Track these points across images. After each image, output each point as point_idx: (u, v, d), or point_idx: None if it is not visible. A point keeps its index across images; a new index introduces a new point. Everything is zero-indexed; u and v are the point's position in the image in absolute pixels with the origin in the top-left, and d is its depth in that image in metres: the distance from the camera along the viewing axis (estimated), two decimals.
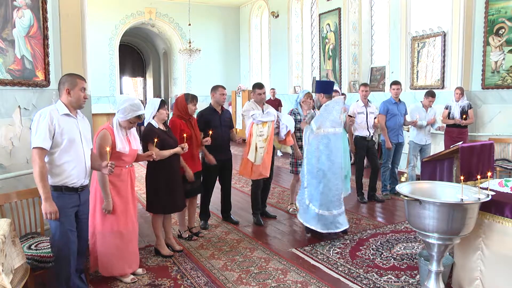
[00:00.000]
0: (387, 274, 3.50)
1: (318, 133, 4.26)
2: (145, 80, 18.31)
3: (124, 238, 3.35)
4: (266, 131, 4.63)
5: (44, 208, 2.69)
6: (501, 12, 6.58)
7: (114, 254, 3.33)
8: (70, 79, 2.84)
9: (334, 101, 4.37)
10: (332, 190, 4.23)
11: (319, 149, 4.26)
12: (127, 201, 3.36)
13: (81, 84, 2.85)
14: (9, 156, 3.53)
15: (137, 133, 3.53)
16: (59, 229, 2.80)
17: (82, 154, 2.87)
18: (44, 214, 2.71)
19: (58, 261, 2.86)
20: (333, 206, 4.23)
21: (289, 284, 3.34)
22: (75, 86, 2.82)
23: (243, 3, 14.08)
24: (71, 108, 2.84)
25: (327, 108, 4.31)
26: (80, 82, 2.85)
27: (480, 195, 2.66)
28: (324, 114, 4.31)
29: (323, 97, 4.42)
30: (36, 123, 2.70)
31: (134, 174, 3.53)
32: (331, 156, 4.24)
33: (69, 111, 2.82)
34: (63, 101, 2.83)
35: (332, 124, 4.30)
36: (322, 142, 4.26)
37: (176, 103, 4.26)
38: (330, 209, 4.22)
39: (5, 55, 3.51)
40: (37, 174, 2.65)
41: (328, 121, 4.28)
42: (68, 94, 2.81)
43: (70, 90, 2.80)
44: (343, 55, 9.66)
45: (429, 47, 7.50)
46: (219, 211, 5.16)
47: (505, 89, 6.67)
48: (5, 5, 3.47)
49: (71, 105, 2.84)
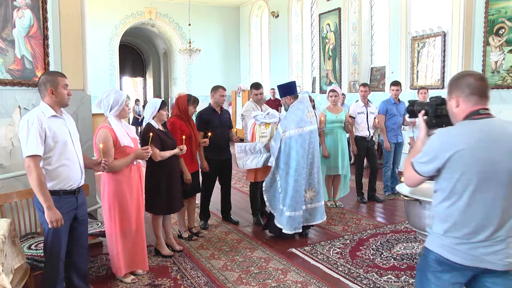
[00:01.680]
0: (387, 274, 3.50)
1: (284, 136, 4.22)
2: (145, 80, 18.32)
3: (135, 237, 3.35)
4: (269, 132, 4.62)
5: (49, 217, 2.58)
6: (501, 12, 6.58)
7: (126, 253, 3.33)
8: (51, 78, 2.71)
9: (297, 101, 4.30)
10: (299, 192, 4.20)
11: (285, 152, 4.22)
12: (137, 199, 3.36)
13: (63, 82, 2.74)
14: (9, 156, 3.53)
15: (135, 133, 3.52)
16: (51, 234, 2.71)
17: (75, 155, 2.80)
18: (49, 223, 2.60)
19: (46, 265, 2.80)
20: (299, 206, 4.21)
21: (289, 284, 3.34)
22: (58, 85, 2.70)
23: (243, 3, 14.08)
24: (57, 108, 2.73)
25: (291, 109, 4.29)
26: (62, 80, 2.74)
27: None
28: (288, 116, 4.29)
29: (289, 99, 4.38)
30: (25, 130, 2.57)
31: (142, 171, 3.51)
32: (297, 157, 4.17)
33: (55, 112, 2.71)
34: (46, 102, 2.70)
35: (299, 125, 4.18)
36: (288, 145, 4.21)
37: (177, 103, 4.26)
38: (297, 210, 4.20)
39: (5, 55, 3.51)
40: (35, 183, 2.54)
41: (293, 123, 4.19)
42: (52, 94, 2.68)
43: (54, 90, 2.68)
44: (343, 55, 9.66)
45: (429, 47, 7.50)
46: (219, 211, 5.15)
47: (505, 89, 6.66)
48: (5, 5, 3.48)
49: (56, 105, 2.73)
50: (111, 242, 3.31)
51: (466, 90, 1.79)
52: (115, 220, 3.25)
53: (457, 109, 1.83)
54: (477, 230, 1.73)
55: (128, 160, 3.22)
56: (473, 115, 1.77)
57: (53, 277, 2.77)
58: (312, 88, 11.19)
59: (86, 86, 4.20)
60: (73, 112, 3.87)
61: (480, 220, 1.73)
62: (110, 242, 3.32)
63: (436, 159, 1.77)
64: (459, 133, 1.77)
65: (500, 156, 1.70)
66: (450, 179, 1.76)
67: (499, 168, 1.70)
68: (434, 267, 1.83)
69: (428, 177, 1.86)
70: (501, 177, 1.71)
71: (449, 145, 1.74)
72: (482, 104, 1.79)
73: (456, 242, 1.77)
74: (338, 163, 5.36)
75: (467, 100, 1.79)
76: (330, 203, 5.57)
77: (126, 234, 3.30)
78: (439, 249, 1.81)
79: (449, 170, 1.75)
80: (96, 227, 3.60)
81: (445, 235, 1.80)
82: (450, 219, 1.78)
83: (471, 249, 1.74)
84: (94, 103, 3.58)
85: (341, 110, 5.52)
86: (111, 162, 3.10)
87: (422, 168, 1.83)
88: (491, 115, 1.78)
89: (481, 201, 1.73)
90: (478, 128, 1.74)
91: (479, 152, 1.70)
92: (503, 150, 1.71)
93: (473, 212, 1.74)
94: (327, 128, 5.32)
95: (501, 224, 1.73)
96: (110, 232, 3.29)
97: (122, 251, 3.30)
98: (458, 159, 1.72)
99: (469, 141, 1.72)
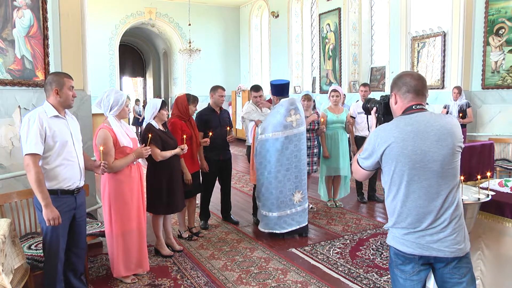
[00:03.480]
0: (387, 274, 3.50)
1: (261, 139, 4.23)
2: (145, 80, 18.31)
3: (135, 237, 3.35)
4: None
5: (46, 215, 2.60)
6: (501, 12, 6.58)
7: (126, 254, 3.32)
8: (58, 79, 2.75)
9: (279, 104, 4.26)
10: (273, 194, 4.22)
11: (261, 154, 4.24)
12: (138, 199, 3.36)
13: (69, 83, 2.77)
14: (9, 156, 3.53)
15: (135, 134, 3.52)
16: (50, 233, 2.71)
17: (75, 156, 2.81)
18: (46, 221, 2.61)
19: (46, 265, 2.80)
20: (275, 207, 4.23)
21: (289, 284, 3.34)
22: (63, 86, 2.73)
23: (243, 3, 14.08)
24: (60, 109, 2.76)
25: (272, 112, 4.29)
26: (68, 81, 2.77)
27: (480, 195, 2.66)
28: (268, 118, 4.28)
29: (276, 99, 4.37)
30: (26, 129, 2.60)
31: (143, 171, 3.52)
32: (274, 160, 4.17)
33: (58, 112, 2.73)
34: (51, 102, 2.73)
35: (275, 129, 4.16)
36: (264, 147, 4.22)
37: (177, 103, 4.25)
38: (272, 211, 4.24)
39: (5, 55, 3.51)
40: (33, 181, 2.56)
41: (271, 126, 4.18)
42: (56, 94, 2.72)
43: (59, 90, 2.72)
44: (343, 55, 9.66)
45: (429, 47, 7.50)
46: (219, 211, 5.15)
47: (505, 89, 6.67)
48: (5, 5, 3.47)
49: (60, 106, 2.75)
50: (111, 242, 3.30)
51: (403, 88, 1.92)
52: (115, 220, 3.24)
53: (395, 106, 1.98)
54: (419, 218, 1.83)
55: (129, 159, 3.22)
56: (407, 111, 1.90)
57: (52, 277, 2.77)
58: (312, 88, 11.19)
59: (86, 86, 4.20)
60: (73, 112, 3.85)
61: (420, 208, 1.82)
62: (110, 242, 3.31)
63: (373, 154, 1.91)
64: (390, 128, 1.88)
65: (429, 147, 1.81)
66: (388, 173, 1.88)
67: (430, 158, 1.81)
68: (395, 261, 1.93)
69: (372, 171, 1.98)
70: (433, 166, 1.81)
71: (382, 140, 1.87)
72: (417, 101, 1.91)
73: (403, 232, 1.87)
74: (339, 164, 5.35)
75: (403, 97, 1.93)
76: (330, 203, 5.57)
77: (126, 234, 3.29)
78: (392, 242, 1.92)
79: (385, 164, 1.88)
80: (96, 227, 3.60)
81: (394, 228, 1.90)
82: (395, 211, 1.88)
83: (418, 238, 1.83)
84: (94, 103, 3.58)
85: (342, 110, 5.51)
86: (111, 162, 3.10)
87: (364, 163, 1.98)
88: (424, 109, 1.89)
89: (417, 190, 1.82)
90: (408, 122, 1.86)
91: (408, 144, 1.81)
92: (432, 140, 1.81)
93: (412, 202, 1.83)
94: (328, 129, 5.32)
95: (442, 211, 1.82)
96: (110, 232, 3.29)
97: (122, 251, 3.30)
98: (389, 152, 1.84)
99: (398, 134, 1.83)
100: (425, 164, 1.81)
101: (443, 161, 1.81)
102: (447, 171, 1.82)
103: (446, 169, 1.82)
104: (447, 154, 1.82)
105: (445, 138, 1.82)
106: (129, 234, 3.31)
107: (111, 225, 3.26)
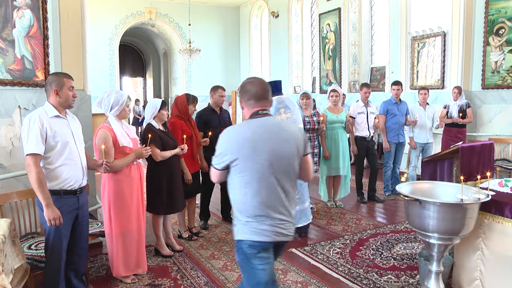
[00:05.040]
0: (387, 274, 3.50)
1: None
2: (145, 80, 18.31)
3: (134, 237, 3.35)
4: None
5: (47, 215, 2.60)
6: (501, 12, 6.58)
7: (126, 254, 3.32)
8: (57, 79, 2.75)
9: None
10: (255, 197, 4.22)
11: None
12: (138, 199, 3.36)
13: (69, 83, 2.77)
14: (9, 156, 3.53)
15: (135, 133, 3.52)
16: (53, 233, 2.71)
17: (77, 155, 2.81)
18: (47, 221, 2.61)
19: (47, 265, 2.80)
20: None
21: (289, 284, 3.34)
22: (63, 86, 2.74)
23: (243, 3, 14.08)
24: (61, 109, 2.76)
25: None
26: (68, 81, 2.77)
27: (480, 195, 2.66)
28: None
29: None
30: (26, 129, 2.61)
31: (143, 171, 3.52)
32: None
33: (59, 112, 2.74)
34: (51, 102, 2.74)
35: None
36: None
37: (176, 103, 4.25)
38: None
39: (5, 55, 3.51)
40: (34, 181, 2.56)
41: None
42: (56, 95, 2.72)
43: (59, 90, 2.72)
44: (343, 55, 9.65)
45: (429, 47, 7.50)
46: (219, 211, 5.16)
47: (505, 89, 6.67)
48: (5, 5, 3.48)
49: (60, 106, 2.76)
50: (111, 242, 3.30)
51: (245, 95, 2.13)
52: (115, 220, 3.24)
53: (243, 111, 2.18)
54: (270, 211, 2.05)
55: (129, 159, 3.22)
56: (254, 115, 2.11)
57: (54, 277, 2.78)
58: (312, 88, 11.19)
59: (86, 86, 4.20)
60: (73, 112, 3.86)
61: (270, 201, 2.05)
62: (110, 242, 3.32)
63: (225, 154, 2.06)
64: (239, 130, 2.10)
65: (276, 145, 2.03)
66: (239, 171, 2.04)
67: (276, 155, 2.03)
68: (251, 252, 2.09)
69: (223, 170, 2.12)
70: (280, 162, 2.04)
71: (230, 141, 2.06)
72: (260, 106, 2.11)
73: (257, 224, 2.06)
74: (339, 164, 5.35)
75: (247, 104, 2.14)
76: (330, 203, 5.57)
77: (125, 234, 3.29)
78: (246, 235, 2.08)
79: (236, 163, 2.03)
80: (96, 227, 3.60)
81: (247, 221, 2.08)
82: (246, 206, 2.07)
83: (271, 226, 2.06)
84: (94, 103, 3.58)
85: (342, 110, 5.51)
86: (111, 162, 3.10)
87: (215, 163, 2.12)
88: (269, 114, 2.12)
89: (266, 185, 2.03)
90: (256, 124, 2.07)
91: (257, 144, 2.00)
92: (279, 140, 2.04)
93: (262, 195, 2.04)
94: (328, 129, 5.32)
95: (287, 203, 2.09)
96: (109, 232, 3.29)
97: (121, 251, 3.30)
98: (239, 152, 2.01)
99: (247, 135, 2.03)
100: (274, 162, 2.03)
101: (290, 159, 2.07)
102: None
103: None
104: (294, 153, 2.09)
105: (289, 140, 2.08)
106: (129, 234, 3.31)
107: (111, 225, 3.26)
